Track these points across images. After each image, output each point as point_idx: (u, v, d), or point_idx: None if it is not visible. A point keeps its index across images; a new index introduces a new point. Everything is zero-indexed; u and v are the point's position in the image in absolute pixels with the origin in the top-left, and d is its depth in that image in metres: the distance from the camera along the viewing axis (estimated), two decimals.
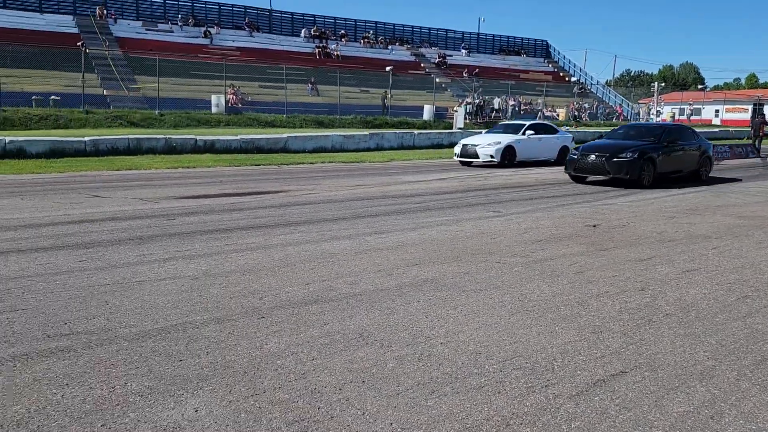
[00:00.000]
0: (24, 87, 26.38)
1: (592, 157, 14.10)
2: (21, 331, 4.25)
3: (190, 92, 30.67)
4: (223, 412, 3.19)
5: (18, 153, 17.40)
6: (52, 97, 25.72)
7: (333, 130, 26.79)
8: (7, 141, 17.51)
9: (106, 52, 32.57)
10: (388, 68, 36.02)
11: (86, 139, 18.92)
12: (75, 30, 35.40)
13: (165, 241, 7.30)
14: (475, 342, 4.25)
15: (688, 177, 15.18)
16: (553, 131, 21.19)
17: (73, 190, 11.83)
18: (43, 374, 3.57)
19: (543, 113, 40.72)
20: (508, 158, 19.04)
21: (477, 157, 19.06)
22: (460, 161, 19.70)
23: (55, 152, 17.94)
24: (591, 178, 14.63)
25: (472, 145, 19.45)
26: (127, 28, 38.24)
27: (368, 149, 24.47)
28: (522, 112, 40.08)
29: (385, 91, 34.98)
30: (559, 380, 3.66)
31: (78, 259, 6.30)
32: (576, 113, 43.25)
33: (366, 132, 26.12)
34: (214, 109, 28.33)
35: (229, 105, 29.77)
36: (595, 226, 8.87)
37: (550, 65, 56.63)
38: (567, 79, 53.63)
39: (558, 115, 41.89)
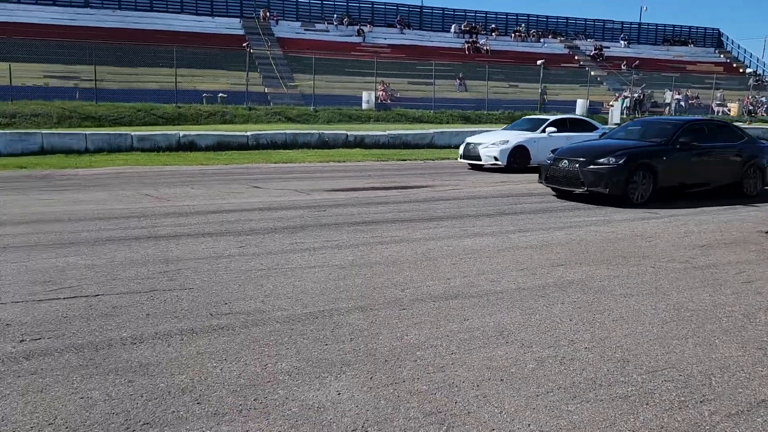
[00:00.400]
0: (196, 85, 28.84)
1: (565, 162, 10.50)
2: (188, 308, 4.69)
3: (342, 89, 31.84)
4: (363, 397, 3.31)
5: (190, 146, 19.16)
6: (220, 94, 27.91)
7: (480, 126, 26.52)
8: (181, 135, 19.35)
9: (268, 52, 34.75)
10: (539, 62, 35.06)
11: (248, 133, 20.38)
12: (241, 32, 38.11)
13: (316, 231, 7.68)
14: (622, 349, 4.03)
15: (724, 191, 11.01)
16: (589, 128, 16.78)
17: (236, 180, 12.80)
18: (205, 348, 3.92)
19: (713, 107, 37.50)
20: (518, 161, 15.45)
21: (480, 159, 15.80)
22: (468, 164, 16.57)
23: (221, 145, 19.54)
24: (578, 191, 10.51)
25: (475, 144, 16.11)
26: (288, 28, 40.48)
27: None
28: (688, 107, 37.18)
29: (544, 86, 34.03)
30: (717, 397, 3.38)
31: (238, 245, 6.81)
32: (751, 108, 39.31)
33: None
34: (364, 106, 29.20)
35: (379, 101, 30.52)
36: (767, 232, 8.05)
37: (722, 55, 51.88)
38: (741, 70, 48.88)
39: (729, 110, 38.33)
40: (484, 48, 42.97)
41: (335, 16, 42.84)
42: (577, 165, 10.26)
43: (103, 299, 4.82)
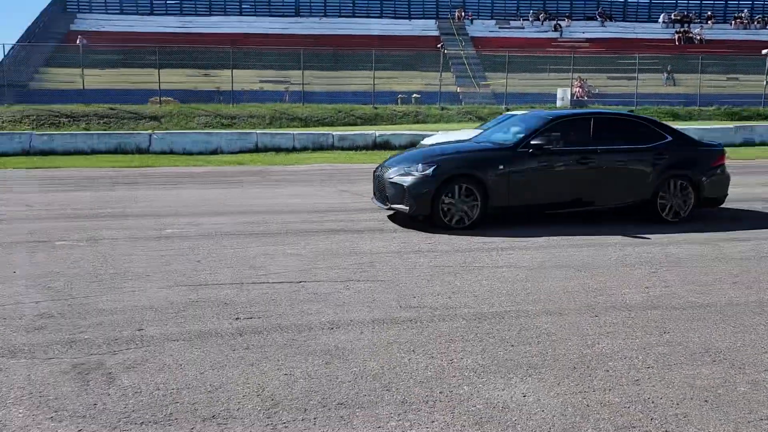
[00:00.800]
0: (392, 86, 30.00)
1: (379, 171, 8.23)
2: (379, 299, 4.91)
3: (536, 87, 31.10)
4: (550, 402, 3.23)
5: (384, 145, 20.02)
6: (414, 95, 28.76)
7: (689, 123, 24.28)
8: (376, 135, 20.32)
9: (462, 52, 35.09)
10: (764, 51, 31.18)
11: (440, 132, 20.77)
12: (436, 33, 38.91)
13: (504, 230, 7.59)
14: None
15: (626, 211, 8.21)
16: None
17: None
18: (394, 339, 4.08)
19: None
20: None
21: None
22: None
23: (413, 144, 20.09)
24: (384, 207, 8.17)
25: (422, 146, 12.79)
26: (482, 27, 40.51)
27: (732, 144, 21.60)
28: None
29: None
30: None
31: (427, 241, 6.98)
32: None
33: (730, 125, 23.08)
34: (558, 103, 28.25)
35: (575, 98, 29.34)
36: None
37: None
38: None
39: None
40: (698, 37, 39.35)
41: (531, 12, 41.98)
42: (385, 175, 7.95)
43: (305, 286, 5.23)
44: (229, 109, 24.05)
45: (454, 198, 7.47)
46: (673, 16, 41.95)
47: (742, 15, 42.68)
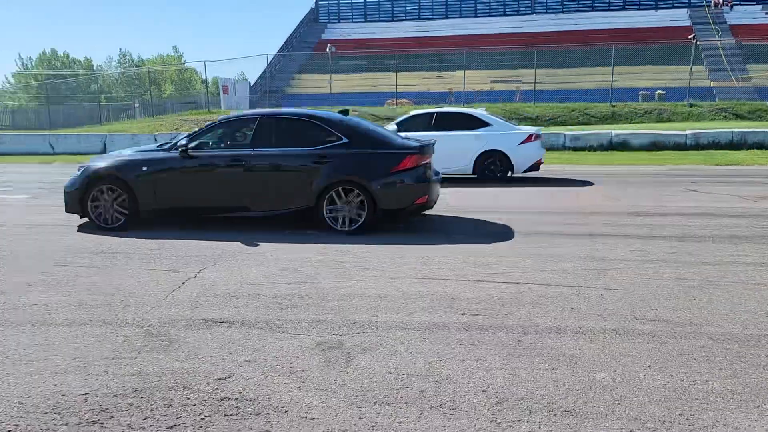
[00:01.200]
0: (633, 83, 28.12)
1: None
2: (611, 308, 4.65)
3: None
4: None
5: (622, 145, 18.89)
6: (658, 91, 26.61)
7: None
8: (613, 134, 19.24)
9: (718, 42, 31.61)
10: None
11: (687, 132, 18.97)
12: (687, 23, 35.53)
13: (764, 243, 6.71)
14: None
15: (290, 216, 7.61)
16: (468, 126, 12.42)
17: (670, 183, 12.07)
18: (628, 351, 3.84)
19: None
20: None
21: None
22: None
23: (656, 145, 18.68)
24: None
25: None
26: (744, 14, 36.07)
27: None
28: None
29: None
30: None
31: (669, 251, 6.43)
32: None
33: None
34: None
35: None
36: None
37: None
38: None
39: None
40: None
41: None
42: None
43: (531, 288, 5.16)
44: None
45: (103, 199, 7.79)
46: None
47: None
